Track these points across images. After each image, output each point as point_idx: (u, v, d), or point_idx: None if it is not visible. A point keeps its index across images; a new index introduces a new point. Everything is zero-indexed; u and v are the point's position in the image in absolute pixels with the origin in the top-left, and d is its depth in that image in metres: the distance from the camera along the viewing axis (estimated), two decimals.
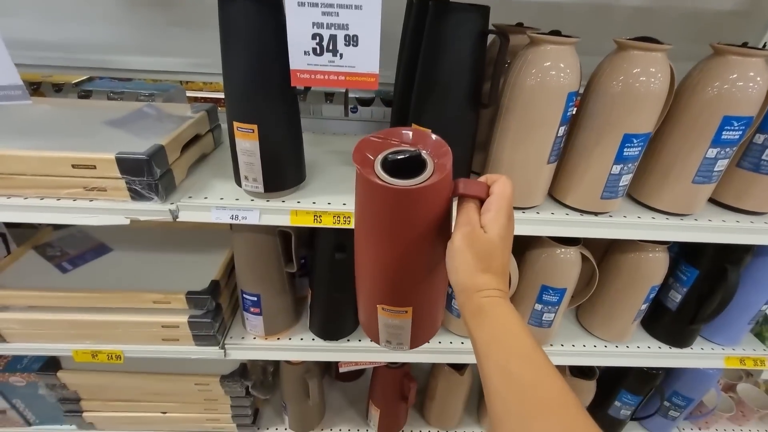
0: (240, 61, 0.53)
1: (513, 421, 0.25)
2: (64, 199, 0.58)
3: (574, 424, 0.24)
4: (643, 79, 0.54)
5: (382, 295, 0.41)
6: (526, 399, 0.25)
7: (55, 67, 0.93)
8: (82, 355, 0.76)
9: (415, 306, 0.41)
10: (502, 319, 0.30)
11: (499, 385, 0.27)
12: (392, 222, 0.34)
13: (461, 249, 0.32)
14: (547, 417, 0.24)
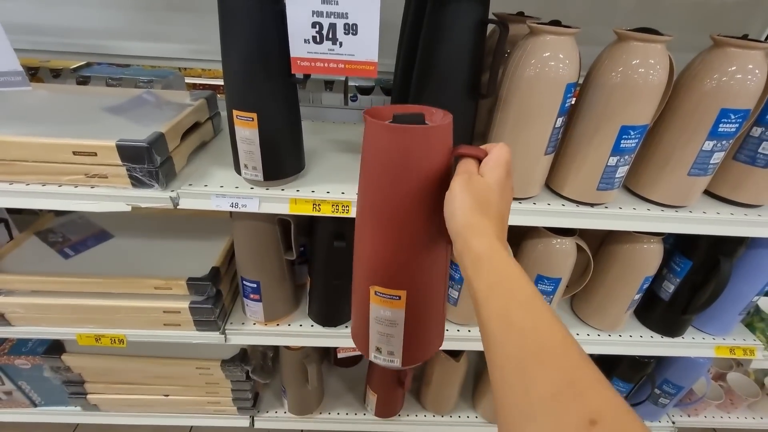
0: (240, 49, 0.53)
1: (511, 368, 0.24)
2: (66, 186, 0.59)
3: (574, 370, 0.22)
4: (642, 70, 0.54)
5: (376, 272, 0.40)
6: (525, 345, 0.24)
7: (53, 52, 0.93)
8: (85, 338, 0.78)
9: (410, 291, 0.39)
10: (501, 267, 0.28)
11: (497, 332, 0.25)
12: (395, 169, 0.35)
13: (458, 192, 0.32)
14: (547, 362, 0.23)
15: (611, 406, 0.20)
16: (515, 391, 0.23)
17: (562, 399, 0.20)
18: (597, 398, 0.20)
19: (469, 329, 0.85)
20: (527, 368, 0.23)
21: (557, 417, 0.20)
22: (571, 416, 0.20)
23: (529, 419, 0.21)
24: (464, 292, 0.80)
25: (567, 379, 0.21)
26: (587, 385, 0.21)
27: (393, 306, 0.40)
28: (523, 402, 0.22)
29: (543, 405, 0.21)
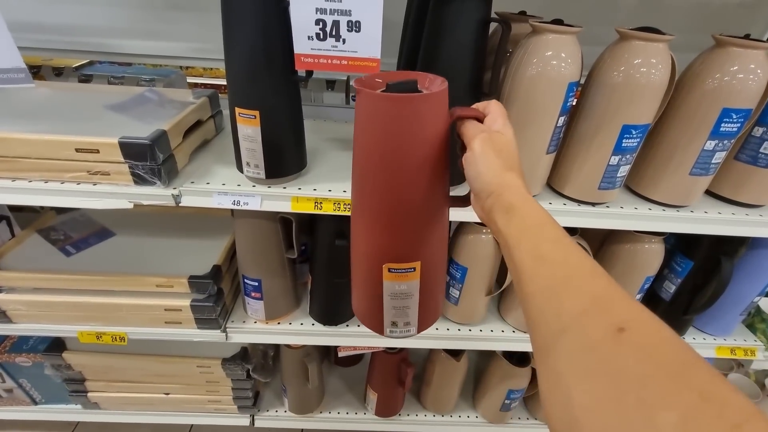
0: (243, 46, 0.53)
1: (543, 296, 0.24)
2: (68, 183, 0.59)
3: (602, 290, 0.22)
4: (644, 69, 0.54)
5: (388, 249, 0.39)
6: (555, 274, 0.25)
7: (55, 50, 0.93)
8: (87, 336, 0.78)
9: (423, 260, 0.39)
10: (533, 213, 0.29)
11: (530, 268, 0.26)
12: (397, 141, 0.33)
13: (483, 151, 0.32)
14: (576, 286, 0.23)
15: (638, 315, 0.20)
16: (547, 315, 0.23)
17: (591, 313, 0.21)
18: (624, 310, 0.21)
19: (470, 328, 0.85)
20: (558, 293, 0.23)
21: (587, 329, 0.21)
22: (599, 326, 0.20)
23: (560, 335, 0.22)
24: (465, 292, 0.80)
25: (595, 297, 0.22)
26: (615, 301, 0.22)
27: (408, 279, 0.40)
28: (555, 322, 0.22)
29: (573, 321, 0.22)
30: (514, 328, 0.86)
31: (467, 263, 0.77)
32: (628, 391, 0.17)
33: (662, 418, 0.16)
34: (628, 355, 0.19)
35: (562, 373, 0.21)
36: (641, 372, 0.18)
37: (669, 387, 0.16)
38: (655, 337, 0.19)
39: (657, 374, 0.17)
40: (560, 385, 0.21)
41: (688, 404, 0.16)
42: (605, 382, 0.18)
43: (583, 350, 0.20)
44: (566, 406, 0.20)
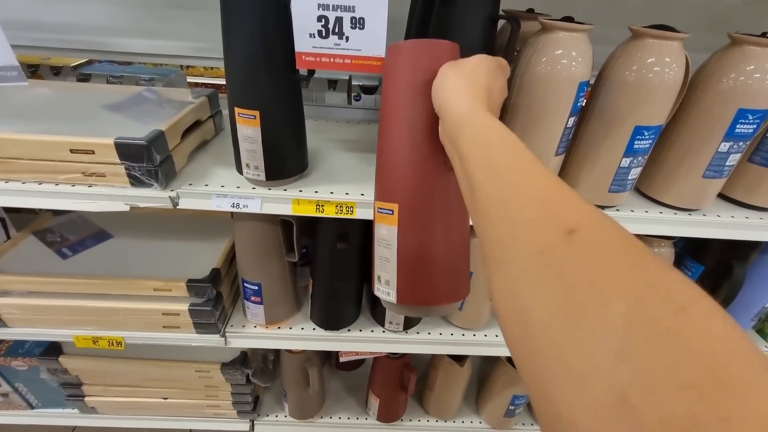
0: (242, 45, 0.51)
1: (494, 207, 0.24)
2: (63, 185, 0.57)
3: (553, 195, 0.22)
4: (658, 69, 0.52)
5: (377, 185, 0.41)
6: (506, 183, 0.24)
7: (53, 49, 0.92)
8: (83, 341, 0.76)
9: (402, 205, 0.38)
10: (482, 123, 0.29)
11: (480, 179, 0.26)
12: (393, 81, 0.37)
13: (443, 71, 0.34)
14: (527, 194, 0.23)
15: (589, 216, 0.20)
16: (499, 227, 0.23)
17: (542, 218, 0.21)
18: (575, 212, 0.20)
19: (474, 333, 0.84)
20: (509, 203, 0.23)
21: (537, 234, 0.20)
22: (550, 230, 0.20)
23: (512, 243, 0.21)
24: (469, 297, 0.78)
25: (546, 202, 0.21)
26: (566, 204, 0.21)
27: (387, 222, 0.39)
28: (507, 232, 0.22)
29: (524, 228, 0.21)
30: None
31: (472, 268, 0.75)
32: (577, 288, 0.17)
33: (611, 308, 0.16)
34: (578, 255, 0.18)
35: (514, 278, 0.20)
36: (591, 270, 0.17)
37: (618, 280, 0.16)
38: (605, 236, 0.19)
39: (606, 270, 0.17)
40: (511, 291, 0.20)
41: (636, 293, 0.16)
42: (556, 283, 0.18)
43: (534, 255, 0.20)
44: (518, 310, 0.20)
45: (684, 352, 0.14)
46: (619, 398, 0.14)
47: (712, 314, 0.15)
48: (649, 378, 0.14)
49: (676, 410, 0.13)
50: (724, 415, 0.12)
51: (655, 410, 0.13)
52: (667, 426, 0.13)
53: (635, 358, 0.14)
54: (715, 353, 0.13)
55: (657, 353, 0.14)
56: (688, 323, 0.14)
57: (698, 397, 0.13)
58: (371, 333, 0.82)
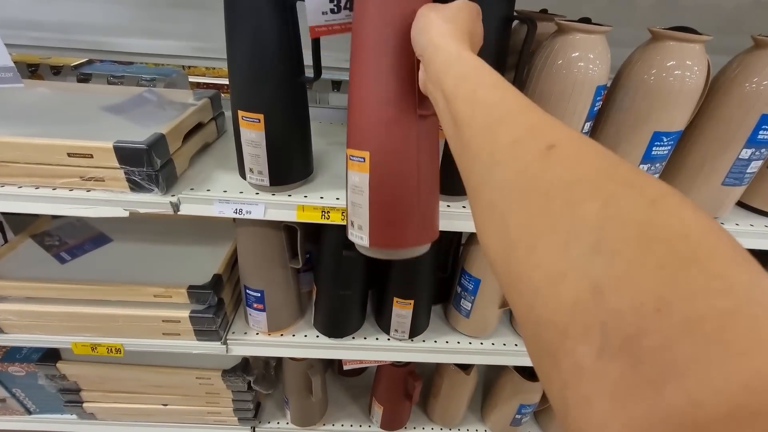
0: (246, 46, 0.49)
1: (479, 137, 0.24)
2: (60, 189, 0.56)
3: (535, 121, 0.22)
4: (678, 72, 0.50)
5: (348, 133, 0.42)
6: (491, 114, 0.24)
7: (53, 48, 0.90)
8: (81, 347, 0.74)
9: (373, 153, 0.39)
10: (470, 61, 0.29)
11: (467, 115, 0.26)
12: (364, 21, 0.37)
13: (423, 12, 0.34)
14: (511, 121, 0.23)
15: (568, 134, 0.20)
16: (482, 154, 0.23)
17: (523, 140, 0.21)
18: (555, 132, 0.21)
19: (481, 342, 0.82)
20: (493, 130, 0.23)
21: (519, 154, 0.21)
22: (531, 149, 0.20)
23: (494, 167, 0.22)
24: (477, 304, 0.76)
25: (529, 127, 0.22)
26: (548, 127, 0.21)
27: (359, 169, 0.41)
28: (489, 158, 0.22)
29: (506, 151, 0.22)
30: None
31: (480, 275, 0.73)
32: (555, 196, 0.18)
33: (585, 208, 0.16)
34: (556, 166, 0.19)
35: (496, 201, 0.21)
36: (567, 177, 0.18)
37: (592, 183, 0.17)
38: (582, 149, 0.19)
39: (581, 176, 0.17)
40: (495, 214, 0.21)
41: (610, 192, 0.16)
42: (536, 196, 0.19)
43: (516, 174, 0.20)
44: (502, 231, 0.20)
45: (654, 240, 0.14)
46: (593, 290, 0.14)
47: (682, 205, 0.15)
48: (621, 267, 0.14)
49: (646, 293, 0.13)
50: (691, 293, 0.12)
51: (626, 296, 0.13)
52: (638, 309, 0.13)
53: (608, 251, 0.15)
54: (685, 238, 0.14)
55: (629, 243, 0.14)
56: (658, 214, 0.15)
57: (668, 279, 0.13)
58: (376, 341, 0.80)
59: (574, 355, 0.14)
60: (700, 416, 0.11)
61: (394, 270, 0.73)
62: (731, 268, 0.13)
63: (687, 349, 0.12)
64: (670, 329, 0.12)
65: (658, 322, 0.12)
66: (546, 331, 0.16)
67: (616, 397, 0.13)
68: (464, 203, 0.61)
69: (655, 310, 0.13)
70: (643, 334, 0.12)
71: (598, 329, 0.14)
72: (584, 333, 0.14)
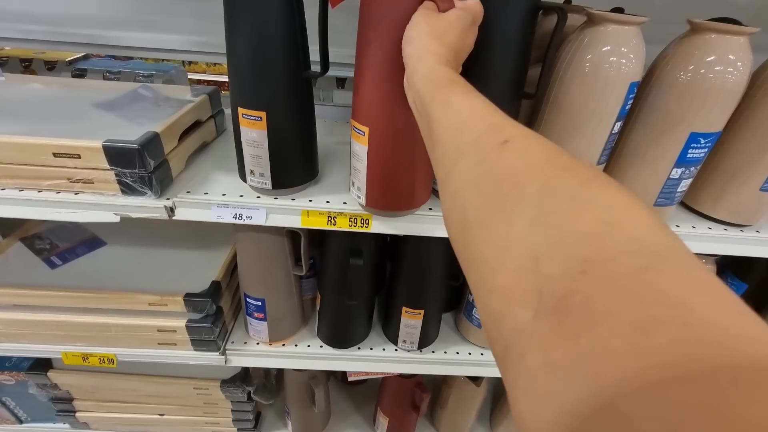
0: (247, 38, 0.45)
1: (448, 135, 0.26)
2: (47, 192, 0.52)
3: (500, 122, 0.24)
4: (720, 68, 0.46)
5: (354, 107, 0.46)
6: (460, 115, 0.26)
7: (48, 42, 0.86)
8: (72, 357, 0.70)
9: (371, 129, 0.45)
10: (449, 76, 0.31)
11: (439, 117, 0.28)
12: (369, 11, 0.40)
13: (417, 21, 0.36)
14: (477, 120, 0.25)
15: (524, 132, 0.22)
16: (449, 149, 0.26)
17: (485, 136, 0.23)
18: (510, 130, 0.23)
19: None
20: (460, 129, 0.25)
21: (479, 148, 0.23)
22: (490, 143, 0.22)
23: (458, 159, 0.24)
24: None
25: (491, 125, 0.24)
26: (508, 126, 0.23)
27: (360, 141, 0.46)
28: (455, 151, 0.25)
29: (469, 145, 0.24)
30: None
31: None
32: (504, 180, 0.20)
33: (528, 189, 0.18)
34: (508, 156, 0.21)
35: (458, 189, 0.23)
36: (515, 165, 0.20)
37: (535, 168, 0.19)
38: (531, 143, 0.21)
39: (528, 164, 0.20)
40: (456, 200, 0.23)
41: (549, 175, 0.18)
42: (490, 182, 0.21)
43: (475, 164, 0.23)
44: (461, 215, 0.22)
45: (583, 210, 0.16)
46: (531, 257, 0.16)
47: (609, 183, 0.17)
48: (555, 236, 0.16)
49: (575, 257, 0.14)
50: (612, 255, 0.14)
51: (558, 261, 0.15)
52: (568, 272, 0.14)
53: (545, 222, 0.16)
54: (609, 208, 0.16)
55: (562, 215, 0.16)
56: (588, 190, 0.17)
57: (593, 243, 0.14)
58: (383, 352, 0.75)
59: (515, 318, 0.16)
60: (610, 360, 0.12)
61: (404, 278, 0.68)
62: (647, 232, 0.14)
63: (603, 303, 0.13)
64: (592, 287, 0.13)
65: (583, 282, 0.14)
66: (494, 299, 0.18)
67: (543, 349, 0.14)
68: None
69: (580, 272, 0.14)
70: (570, 295, 0.14)
71: (535, 294, 0.15)
72: (524, 298, 0.16)
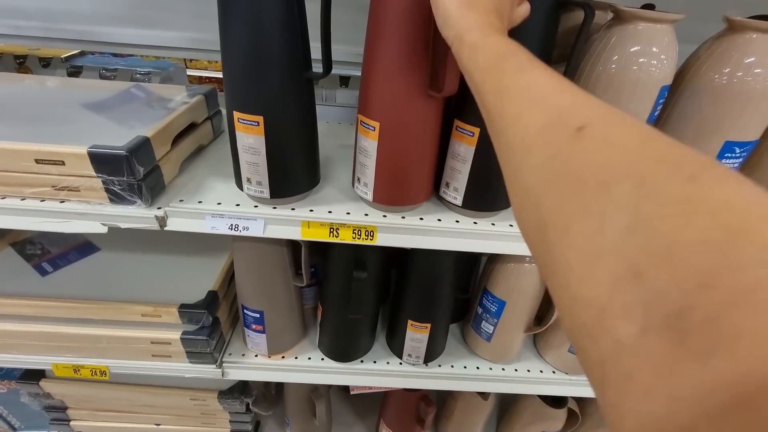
0: (243, 35, 0.41)
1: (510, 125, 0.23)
2: (30, 200, 0.48)
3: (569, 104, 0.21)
4: (760, 70, 0.42)
5: (362, 101, 0.46)
6: (519, 102, 0.23)
7: (42, 38, 0.83)
8: (63, 369, 0.68)
9: (382, 124, 0.44)
10: (494, 48, 0.28)
11: (495, 106, 0.25)
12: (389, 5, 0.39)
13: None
14: (540, 105, 0.22)
15: (600, 112, 0.20)
16: (515, 144, 0.23)
17: (553, 125, 0.21)
18: (587, 112, 0.20)
19: (503, 368, 0.74)
20: (523, 119, 0.23)
21: (550, 139, 0.20)
22: (561, 133, 0.20)
23: (526, 155, 0.22)
24: (500, 328, 0.69)
25: (559, 110, 0.21)
26: (579, 108, 0.20)
27: (369, 137, 0.46)
28: (521, 146, 0.22)
29: (537, 137, 0.21)
30: (554, 368, 0.74)
31: (506, 296, 0.65)
32: (587, 178, 0.17)
33: (618, 189, 0.16)
34: (587, 147, 0.18)
35: (531, 186, 0.21)
36: (599, 159, 0.17)
37: (624, 163, 0.16)
38: (614, 127, 0.18)
39: (613, 157, 0.17)
40: (530, 198, 0.21)
41: (644, 170, 0.15)
42: (568, 179, 0.18)
43: (547, 159, 0.20)
44: (536, 214, 0.20)
45: (694, 214, 0.13)
46: (630, 268, 0.14)
47: (725, 177, 0.14)
48: (660, 244, 0.14)
49: (689, 268, 0.13)
50: (739, 265, 0.12)
51: (667, 273, 0.13)
52: (680, 285, 0.13)
53: (645, 229, 0.14)
54: (730, 209, 0.13)
55: (666, 220, 0.14)
56: (698, 189, 0.14)
57: (712, 252, 0.12)
58: (387, 365, 0.72)
59: (613, 332, 0.14)
60: (751, 386, 0.10)
61: (410, 290, 0.65)
62: None
63: (736, 320, 0.11)
64: (717, 302, 0.12)
65: (703, 296, 0.12)
66: (582, 309, 0.16)
67: (660, 372, 0.13)
68: (492, 220, 0.53)
69: (699, 285, 0.12)
70: (688, 310, 0.12)
71: (639, 308, 0.14)
72: (624, 311, 0.14)
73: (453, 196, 0.52)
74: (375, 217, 0.51)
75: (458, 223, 0.52)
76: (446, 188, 0.52)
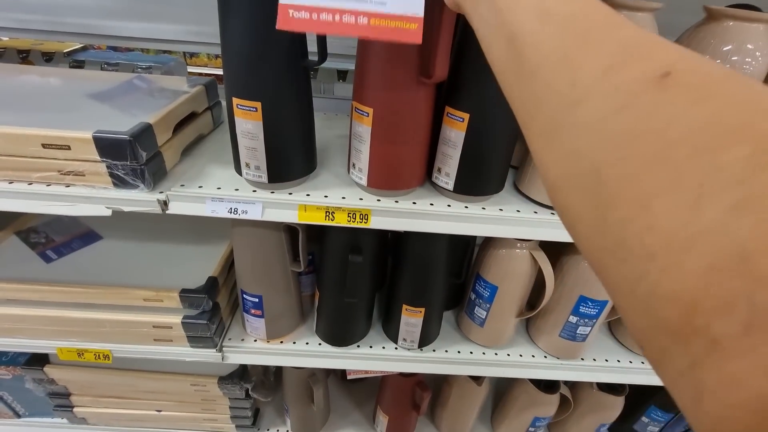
0: (241, 23, 0.43)
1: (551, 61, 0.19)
2: (37, 184, 0.50)
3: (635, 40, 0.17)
4: (736, 58, 0.43)
5: (355, 86, 0.48)
6: (567, 33, 0.19)
7: (45, 32, 0.84)
8: (67, 353, 0.69)
9: (376, 110, 0.46)
10: None
11: (532, 33, 0.20)
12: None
13: None
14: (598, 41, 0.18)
15: (684, 57, 0.15)
16: (556, 88, 0.18)
17: (620, 66, 0.16)
18: (665, 53, 0.16)
19: (496, 352, 0.76)
20: (572, 56, 0.18)
21: (616, 86, 0.16)
22: (633, 78, 0.16)
23: (576, 106, 0.17)
24: (493, 313, 0.70)
25: (624, 47, 0.17)
26: (651, 45, 0.16)
27: (363, 122, 0.48)
28: (568, 93, 0.17)
29: (594, 84, 0.17)
30: (545, 353, 0.76)
31: (498, 281, 0.67)
32: (677, 141, 0.14)
33: (727, 157, 0.12)
34: (677, 100, 0.14)
35: (582, 149, 0.17)
36: (696, 116, 0.14)
37: (735, 123, 0.13)
38: (711, 75, 0.14)
39: (719, 114, 0.13)
40: (581, 164, 0.17)
41: (763, 133, 0.12)
42: (649, 140, 0.14)
43: (613, 113, 0.16)
44: (593, 187, 0.16)
45: None
46: (736, 256, 0.12)
47: None
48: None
49: None
50: None
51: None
52: None
53: (760, 208, 0.12)
54: None
55: None
56: None
57: None
58: (383, 350, 0.74)
59: (709, 331, 0.12)
60: None
61: (404, 275, 0.67)
62: None
63: None
64: None
65: None
66: (664, 305, 0.13)
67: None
68: (483, 204, 0.55)
69: None
70: None
71: (743, 301, 0.12)
72: (723, 306, 0.12)
73: (445, 181, 0.54)
74: (369, 201, 0.53)
75: (450, 207, 0.54)
76: (438, 173, 0.54)
